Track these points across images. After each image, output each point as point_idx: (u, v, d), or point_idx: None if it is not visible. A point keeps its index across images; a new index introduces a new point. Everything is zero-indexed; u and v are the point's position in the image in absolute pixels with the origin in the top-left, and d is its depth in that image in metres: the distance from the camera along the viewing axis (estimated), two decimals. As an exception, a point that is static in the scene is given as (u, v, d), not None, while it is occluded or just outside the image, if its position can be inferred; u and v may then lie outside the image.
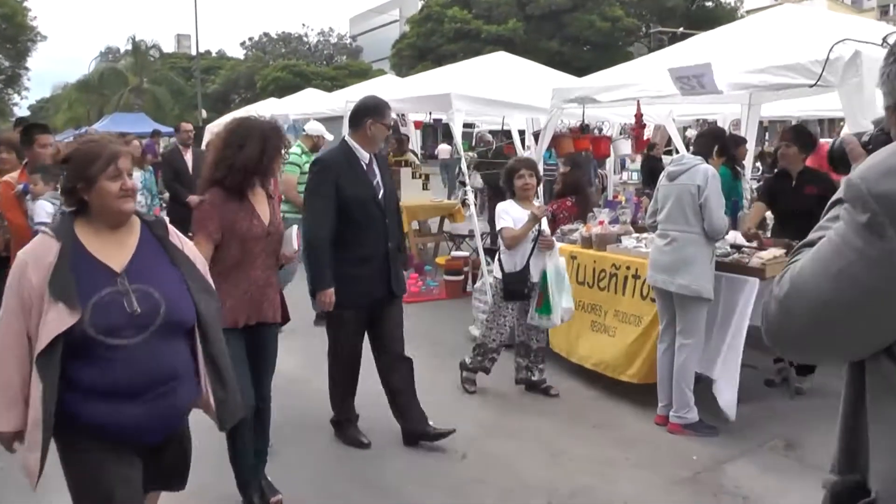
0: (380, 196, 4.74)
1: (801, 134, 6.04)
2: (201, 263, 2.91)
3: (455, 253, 10.24)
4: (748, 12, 45.50)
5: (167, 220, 2.85)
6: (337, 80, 43.78)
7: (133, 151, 8.99)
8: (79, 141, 2.74)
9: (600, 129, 9.13)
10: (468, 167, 10.43)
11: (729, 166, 7.75)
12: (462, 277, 9.22)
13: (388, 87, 11.48)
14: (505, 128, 11.78)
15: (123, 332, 2.50)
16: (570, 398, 5.89)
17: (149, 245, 2.70)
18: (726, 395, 5.18)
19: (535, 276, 5.72)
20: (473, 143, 17.17)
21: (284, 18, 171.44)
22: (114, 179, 2.57)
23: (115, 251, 2.62)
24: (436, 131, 25.02)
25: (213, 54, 72.93)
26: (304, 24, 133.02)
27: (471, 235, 9.76)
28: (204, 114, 38.10)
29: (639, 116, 7.67)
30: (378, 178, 4.77)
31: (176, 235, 2.82)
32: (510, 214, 5.80)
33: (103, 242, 2.61)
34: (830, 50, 4.46)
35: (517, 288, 5.72)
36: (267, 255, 3.94)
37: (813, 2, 59.25)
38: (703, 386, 5.26)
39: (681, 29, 39.42)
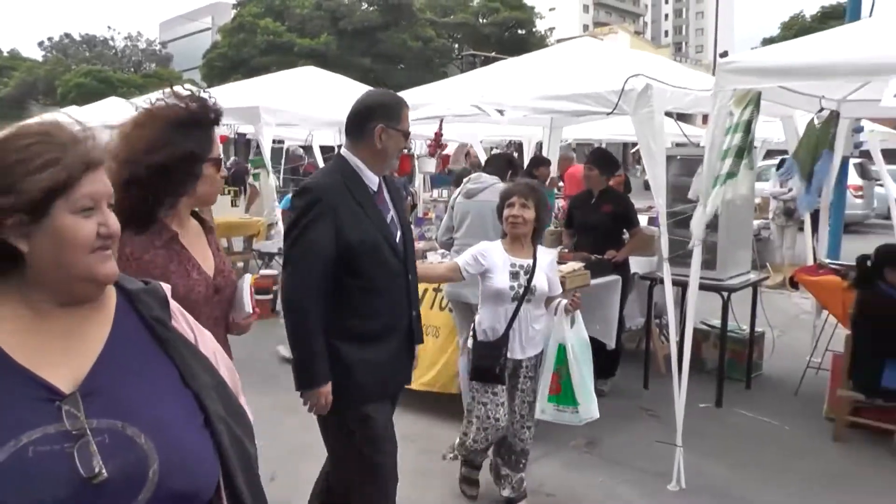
0: (397, 239, 3.22)
1: (602, 158, 6.59)
2: (227, 368, 1.63)
3: (264, 271, 10.00)
4: (558, 41, 47.96)
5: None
6: (145, 89, 41.71)
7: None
8: (11, 132, 1.34)
9: (408, 148, 9.26)
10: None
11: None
12: (271, 296, 9.02)
13: (193, 98, 11.02)
14: (310, 143, 11.69)
15: None
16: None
17: (131, 338, 1.41)
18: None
19: (519, 351, 4.16)
20: (283, 160, 16.92)
21: (88, 19, 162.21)
22: (84, 214, 1.32)
23: (62, 350, 1.32)
24: (248, 146, 24.50)
25: (5, 53, 67.66)
26: (109, 27, 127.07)
27: (280, 253, 9.57)
28: (-6, 121, 35.18)
29: (438, 135, 7.88)
30: (392, 212, 3.27)
31: (182, 316, 1.54)
32: (483, 262, 4.11)
33: (39, 334, 1.32)
34: (626, 82, 4.81)
35: (485, 364, 4.10)
36: (216, 325, 2.49)
37: (617, 35, 63.49)
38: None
39: (493, 53, 40.81)
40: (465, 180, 5.79)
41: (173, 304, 1.52)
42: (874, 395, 5.34)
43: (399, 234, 3.23)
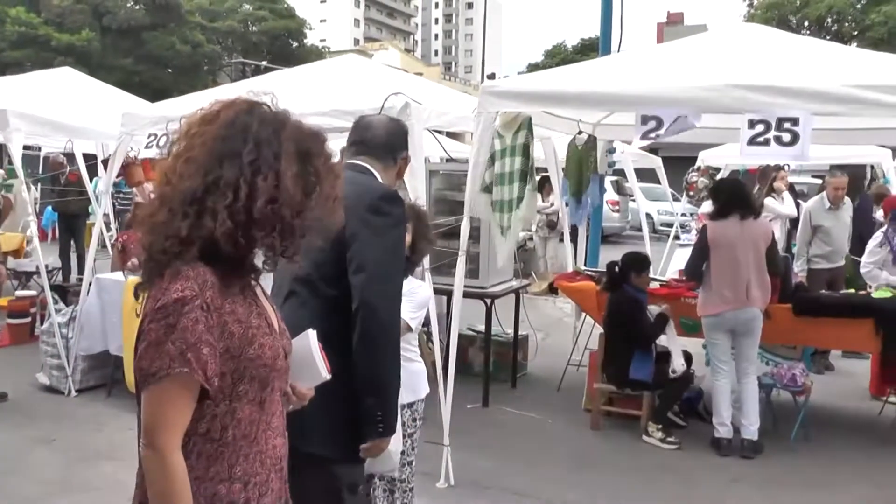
0: None
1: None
2: None
3: (20, 292, 9.24)
4: (332, 53, 48.03)
5: None
6: None
7: None
8: None
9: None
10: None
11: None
12: (29, 320, 8.39)
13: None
14: (71, 151, 10.94)
15: None
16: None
17: None
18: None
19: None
20: (41, 168, 15.70)
21: None
22: None
23: None
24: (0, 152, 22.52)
25: None
26: None
27: (37, 272, 8.86)
28: None
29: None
30: None
31: None
32: (411, 299, 3.39)
33: None
34: (386, 100, 4.99)
35: None
36: (282, 402, 1.85)
37: (388, 51, 64.30)
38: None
39: (264, 63, 40.22)
40: None
41: None
42: (624, 385, 5.92)
43: None
